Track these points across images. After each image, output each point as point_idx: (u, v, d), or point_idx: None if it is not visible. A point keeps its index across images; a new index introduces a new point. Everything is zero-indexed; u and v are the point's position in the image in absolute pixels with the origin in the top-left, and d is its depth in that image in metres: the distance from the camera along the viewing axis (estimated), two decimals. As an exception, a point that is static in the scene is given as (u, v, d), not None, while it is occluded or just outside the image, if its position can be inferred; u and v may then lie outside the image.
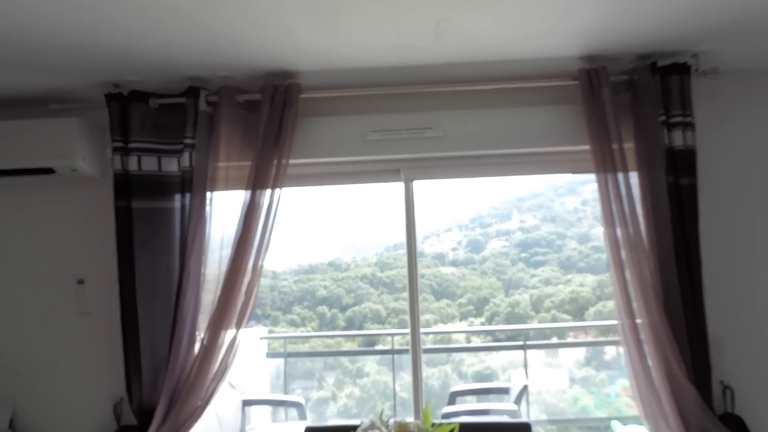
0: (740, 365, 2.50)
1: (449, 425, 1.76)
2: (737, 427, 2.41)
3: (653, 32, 2.24)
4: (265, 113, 2.45)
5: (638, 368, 2.36)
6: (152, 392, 2.42)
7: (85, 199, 2.70)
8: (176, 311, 2.40)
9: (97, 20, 1.96)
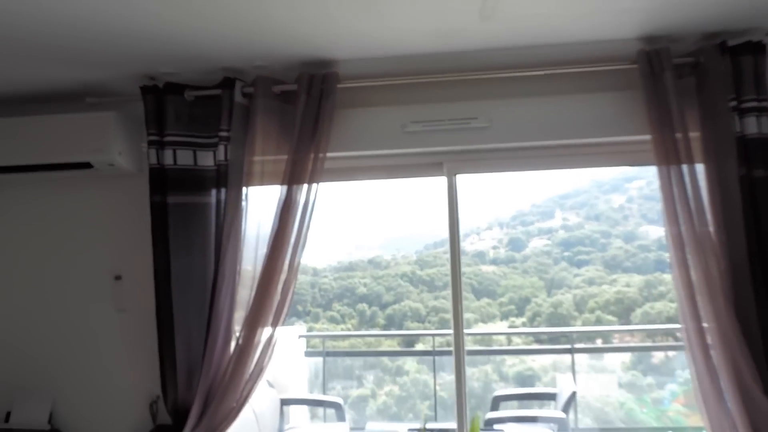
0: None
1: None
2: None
3: (722, 8, 2.01)
4: (301, 104, 2.32)
5: (704, 377, 2.12)
6: (187, 392, 2.33)
7: (122, 194, 2.64)
8: (211, 309, 2.30)
9: (131, 11, 1.89)
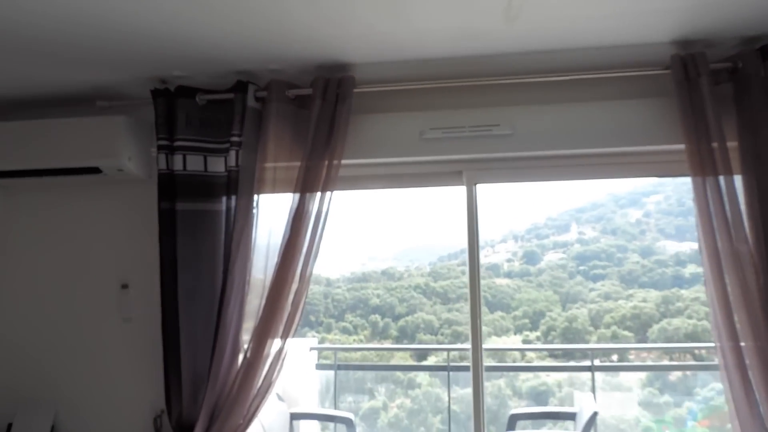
0: None
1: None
2: None
3: (762, 10, 1.86)
4: (316, 109, 2.20)
5: (741, 400, 1.95)
6: (192, 406, 2.20)
7: (131, 200, 2.53)
8: (219, 321, 2.18)
9: (142, 11, 1.79)
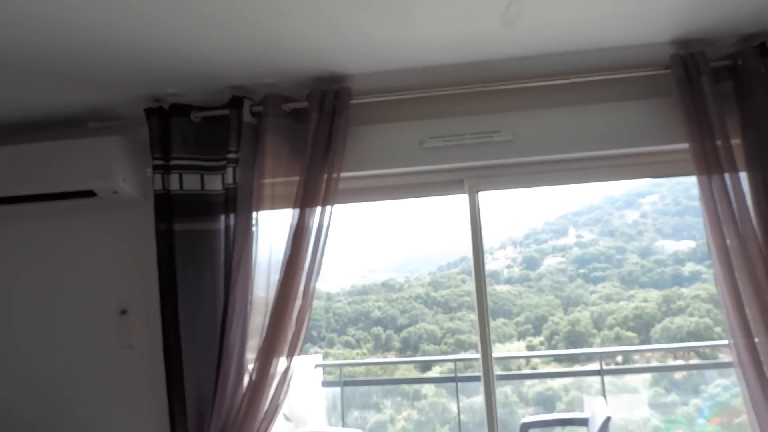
0: None
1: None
2: None
3: (760, 7, 1.82)
4: (313, 122, 2.14)
5: (759, 397, 1.90)
6: (198, 434, 2.12)
7: (127, 223, 2.45)
8: (222, 344, 2.09)
9: (134, 28, 1.73)
